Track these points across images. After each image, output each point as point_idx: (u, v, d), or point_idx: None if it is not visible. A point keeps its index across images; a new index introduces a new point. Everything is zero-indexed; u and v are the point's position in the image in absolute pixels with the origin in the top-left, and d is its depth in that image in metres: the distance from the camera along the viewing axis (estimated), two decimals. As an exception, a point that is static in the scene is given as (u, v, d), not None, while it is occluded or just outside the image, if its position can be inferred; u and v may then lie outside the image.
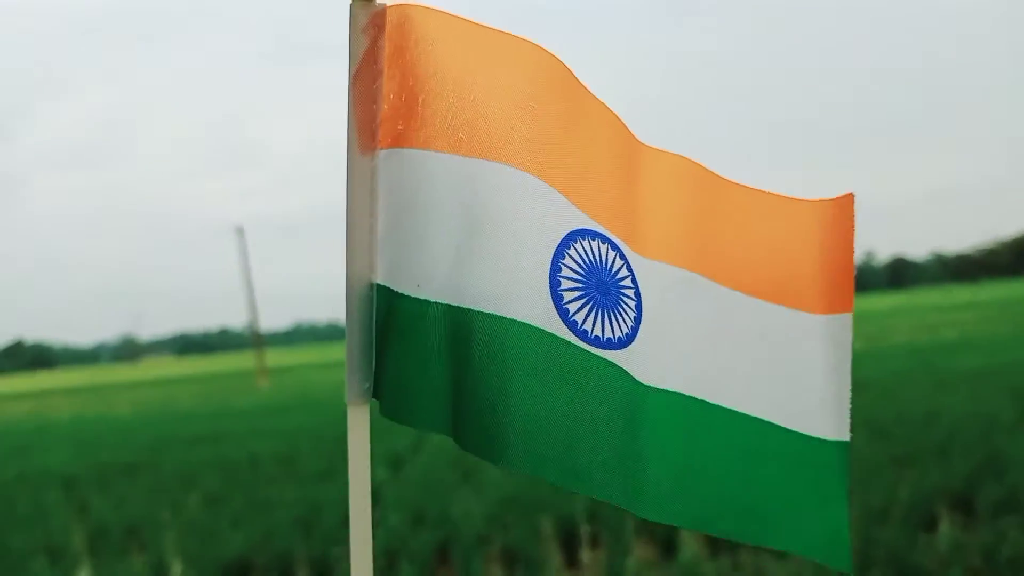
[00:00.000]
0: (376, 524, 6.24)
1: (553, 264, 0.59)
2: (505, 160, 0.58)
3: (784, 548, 0.68)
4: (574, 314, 0.59)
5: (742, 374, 0.67)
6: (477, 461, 7.57)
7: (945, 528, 4.85)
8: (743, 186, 0.71)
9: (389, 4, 0.56)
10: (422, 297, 0.56)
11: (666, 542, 5.05)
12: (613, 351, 0.60)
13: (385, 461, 8.08)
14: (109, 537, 6.11)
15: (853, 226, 0.72)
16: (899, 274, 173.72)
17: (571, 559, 5.11)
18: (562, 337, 0.58)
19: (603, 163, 0.63)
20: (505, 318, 0.56)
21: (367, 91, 0.56)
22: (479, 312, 0.56)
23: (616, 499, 0.63)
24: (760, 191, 0.72)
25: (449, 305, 0.56)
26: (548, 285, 0.58)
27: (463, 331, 0.56)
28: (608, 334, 0.60)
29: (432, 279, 0.56)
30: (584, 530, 5.39)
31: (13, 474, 9.86)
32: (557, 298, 0.58)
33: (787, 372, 0.70)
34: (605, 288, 0.61)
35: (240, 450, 9.86)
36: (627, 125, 0.65)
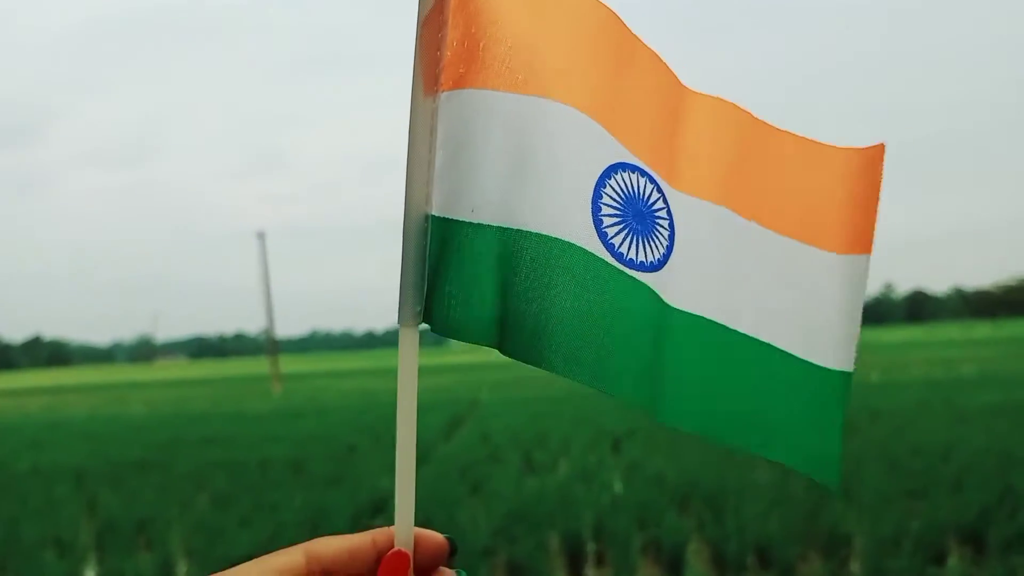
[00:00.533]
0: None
1: (595, 192, 0.65)
2: (558, 98, 0.63)
3: (782, 460, 0.74)
4: (612, 237, 0.64)
5: (760, 303, 0.73)
6: (486, 473, 7.57)
7: (954, 562, 4.80)
8: (780, 129, 0.76)
9: None
10: (475, 221, 0.61)
11: (672, 563, 5.03)
12: (646, 273, 0.66)
13: (393, 471, 8.09)
14: (117, 533, 6.14)
15: (881, 173, 0.77)
16: (918, 307, 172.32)
17: (576, 576, 5.09)
18: (601, 257, 0.64)
19: (648, 104, 0.69)
20: (552, 237, 0.62)
21: (432, 39, 0.61)
22: (529, 232, 0.62)
23: (641, 403, 0.68)
24: (795, 135, 0.77)
25: (501, 227, 0.61)
26: (591, 210, 0.64)
27: (514, 250, 0.61)
28: (642, 258, 0.66)
29: (485, 204, 0.61)
30: (590, 548, 5.37)
31: (27, 467, 9.95)
32: (598, 222, 0.64)
33: (802, 304, 0.75)
34: (641, 216, 0.67)
35: (250, 453, 9.90)
36: (674, 72, 0.72)
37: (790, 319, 0.75)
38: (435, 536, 0.63)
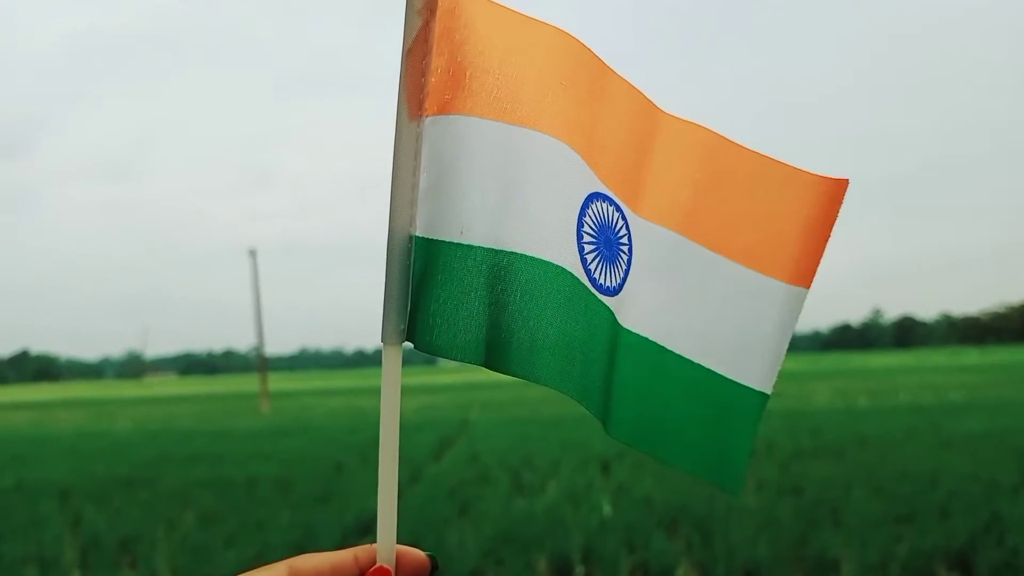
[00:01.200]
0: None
1: (579, 220, 0.70)
2: (541, 129, 0.67)
3: (693, 471, 0.81)
4: (590, 264, 0.70)
5: (698, 325, 0.80)
6: (475, 494, 7.54)
7: (942, 588, 4.81)
8: (749, 151, 0.80)
9: None
10: (465, 242, 0.64)
11: (660, 586, 5.01)
12: (608, 296, 0.73)
13: (382, 490, 8.06)
14: (102, 550, 6.09)
15: (838, 209, 0.82)
16: (907, 333, 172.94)
17: (564, 598, 5.07)
18: (583, 283, 0.69)
19: (619, 132, 0.74)
20: (546, 261, 0.66)
21: (417, 66, 0.63)
22: (523, 255, 0.65)
23: (599, 416, 0.76)
24: (765, 157, 0.81)
25: (492, 249, 0.65)
26: (575, 236, 0.69)
27: (506, 271, 0.65)
28: (607, 283, 0.72)
29: (474, 227, 0.64)
30: (579, 571, 5.35)
31: (11, 483, 9.85)
32: (580, 248, 0.70)
33: (739, 327, 0.81)
34: (609, 244, 0.72)
35: (238, 471, 9.84)
36: (649, 98, 0.76)
37: (724, 340, 0.81)
38: (417, 553, 0.65)
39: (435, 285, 0.65)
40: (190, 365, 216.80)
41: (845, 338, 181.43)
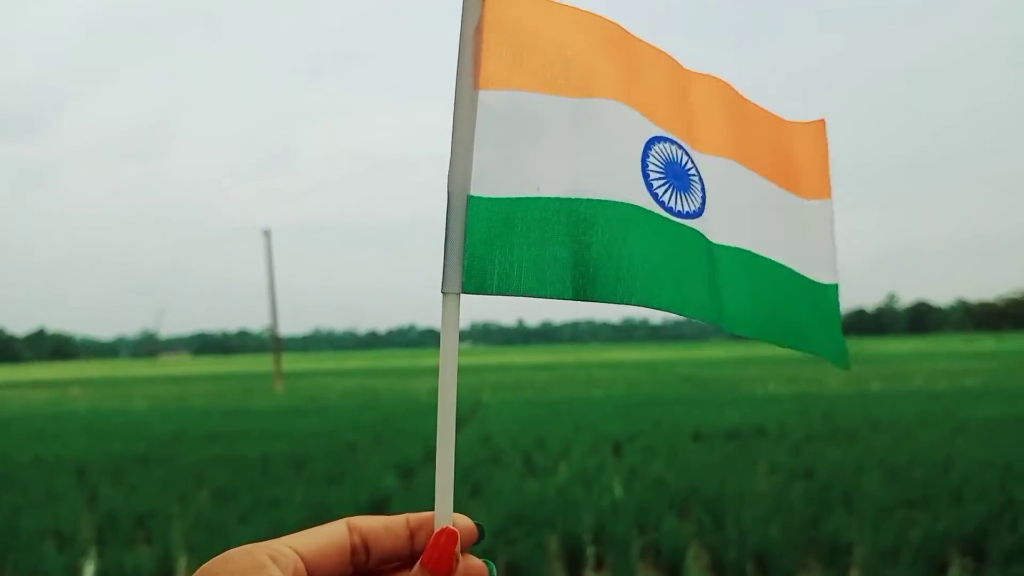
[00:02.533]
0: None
1: (643, 161, 0.80)
2: (595, 95, 0.78)
3: (812, 351, 0.95)
4: (662, 196, 0.81)
5: (769, 234, 0.95)
6: (487, 475, 7.56)
7: (955, 572, 4.80)
8: (751, 102, 0.98)
9: None
10: (543, 195, 0.74)
11: (672, 568, 5.03)
12: (691, 220, 0.84)
13: (395, 470, 8.11)
14: (118, 526, 6.16)
15: (826, 141, 1.02)
16: (921, 319, 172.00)
17: (575, 578, 5.09)
18: (657, 213, 0.80)
19: (662, 88, 0.87)
20: (618, 202, 0.77)
21: (478, 42, 0.73)
22: (598, 200, 0.76)
23: (709, 318, 0.84)
24: (762, 108, 0.98)
25: (569, 198, 0.75)
26: (642, 176, 0.80)
27: (580, 216, 0.74)
28: (686, 208, 0.83)
29: (548, 183, 0.74)
30: (590, 551, 5.38)
31: (28, 459, 9.97)
32: (649, 185, 0.80)
33: (795, 234, 0.98)
34: (679, 176, 0.84)
35: (252, 449, 9.91)
36: (673, 56, 0.89)
37: (791, 245, 0.97)
38: (468, 521, 0.68)
39: (515, 235, 0.73)
40: (204, 345, 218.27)
41: (860, 323, 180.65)
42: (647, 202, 0.80)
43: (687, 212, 0.84)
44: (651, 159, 0.82)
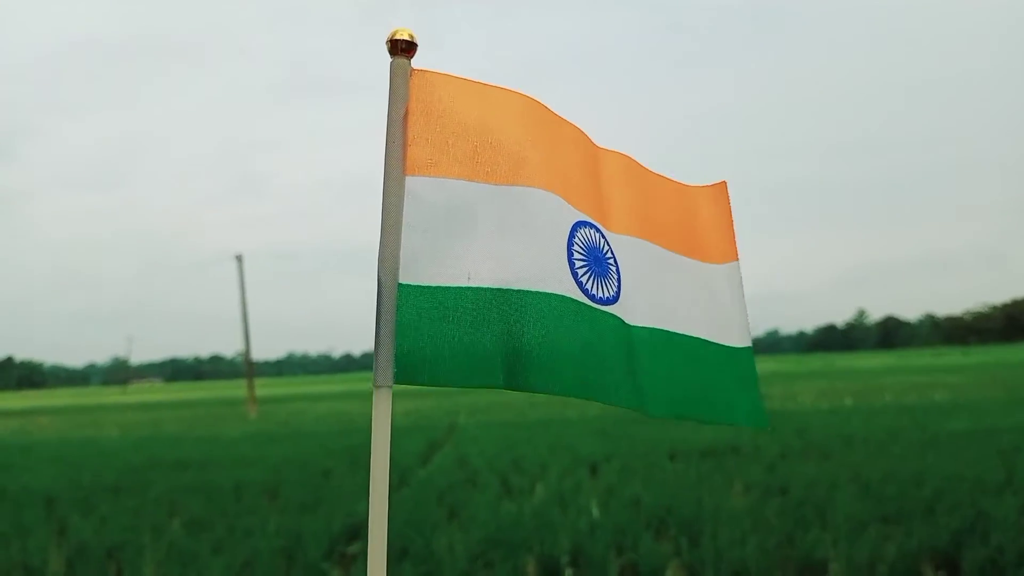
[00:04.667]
0: (360, 556, 6.15)
1: (568, 250, 0.82)
2: (521, 183, 0.79)
3: (726, 422, 1.00)
4: (586, 283, 0.83)
5: (681, 309, 0.98)
6: (464, 498, 7.53)
7: (929, 587, 4.84)
8: (654, 172, 1.01)
9: (415, 68, 0.74)
10: (474, 286, 0.75)
11: (649, 588, 5.03)
12: (610, 305, 0.86)
13: (368, 495, 8.04)
14: (88, 559, 6.04)
15: (728, 203, 1.07)
16: (891, 334, 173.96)
17: (553, 601, 5.07)
18: (584, 302, 0.82)
19: (580, 170, 0.88)
20: (548, 293, 0.78)
21: (404, 130, 0.73)
22: (525, 291, 0.76)
23: (634, 406, 0.88)
24: (663, 176, 1.00)
25: (500, 289, 0.76)
26: (568, 264, 0.82)
27: (512, 307, 0.75)
28: (605, 294, 0.85)
29: (480, 272, 0.76)
30: (568, 573, 5.36)
31: (-6, 491, 9.77)
32: (575, 273, 0.82)
33: (706, 304, 1.01)
34: (598, 261, 0.86)
35: (225, 477, 9.79)
36: (586, 133, 0.91)
37: (702, 316, 1.00)
38: None
39: (446, 324, 0.73)
40: (177, 371, 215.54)
41: (830, 339, 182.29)
42: (573, 291, 0.82)
43: (606, 299, 0.87)
44: (575, 246, 0.84)
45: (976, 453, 9.26)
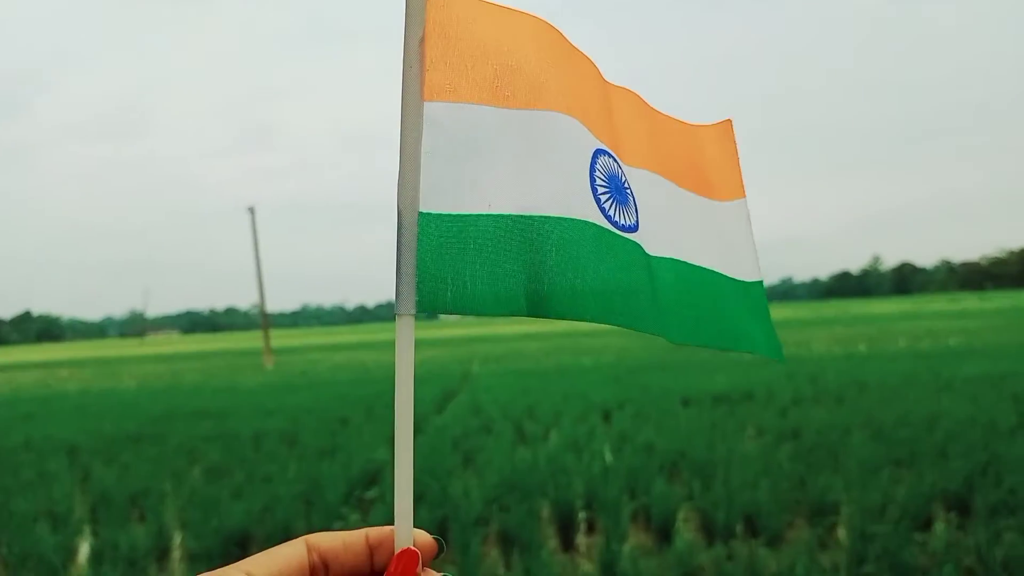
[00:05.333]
0: (378, 500, 6.24)
1: (591, 175, 0.82)
2: (542, 107, 0.78)
3: (748, 349, 1.00)
4: (608, 210, 0.82)
5: (694, 241, 0.99)
6: (478, 444, 7.61)
7: (940, 528, 4.89)
8: (661, 112, 1.01)
9: None
10: (495, 213, 0.73)
11: (662, 530, 5.10)
12: (632, 233, 0.86)
13: (387, 441, 8.15)
14: (111, 505, 6.18)
15: (734, 141, 1.08)
16: (906, 280, 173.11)
17: (567, 544, 5.15)
18: (607, 228, 0.82)
19: (596, 99, 0.88)
20: (571, 219, 0.77)
21: (421, 55, 0.72)
22: (550, 217, 0.76)
23: (657, 332, 0.88)
24: (670, 116, 1.02)
25: (521, 216, 0.74)
26: (591, 190, 0.81)
27: (535, 233, 0.74)
28: (627, 222, 0.85)
29: (500, 199, 0.74)
30: (581, 516, 5.44)
31: (19, 441, 9.96)
32: (597, 199, 0.81)
33: (716, 238, 1.02)
34: (619, 189, 0.86)
35: (244, 426, 9.94)
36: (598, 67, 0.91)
37: (714, 250, 1.02)
38: (427, 537, 0.67)
39: (468, 252, 0.72)
40: (193, 323, 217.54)
41: (844, 285, 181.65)
42: (597, 217, 0.81)
43: (628, 226, 0.86)
44: (597, 173, 0.83)
45: (990, 397, 9.27)
